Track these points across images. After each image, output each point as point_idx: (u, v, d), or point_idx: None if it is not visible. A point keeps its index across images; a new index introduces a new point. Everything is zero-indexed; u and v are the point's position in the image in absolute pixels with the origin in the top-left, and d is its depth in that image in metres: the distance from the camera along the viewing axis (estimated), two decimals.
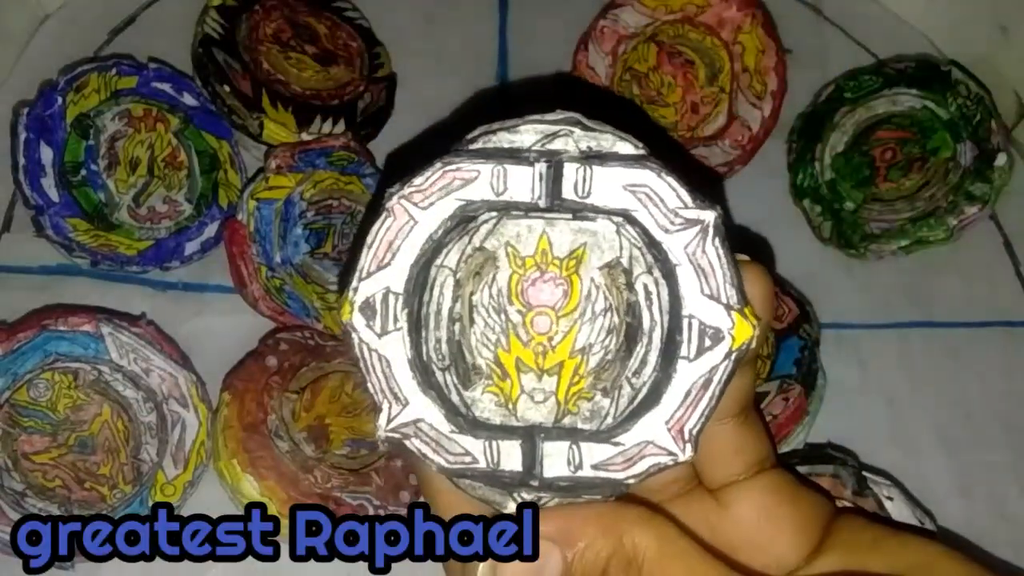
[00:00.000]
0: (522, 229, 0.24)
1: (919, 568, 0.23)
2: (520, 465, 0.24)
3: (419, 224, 0.23)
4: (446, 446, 0.24)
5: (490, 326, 0.24)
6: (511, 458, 0.24)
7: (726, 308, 0.23)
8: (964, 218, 0.42)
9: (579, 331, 0.24)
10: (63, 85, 0.39)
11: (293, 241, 0.39)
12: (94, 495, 0.35)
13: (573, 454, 0.23)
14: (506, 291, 0.24)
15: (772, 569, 0.26)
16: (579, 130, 0.23)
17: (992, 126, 0.43)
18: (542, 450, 0.23)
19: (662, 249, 0.23)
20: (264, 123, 0.41)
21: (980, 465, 0.41)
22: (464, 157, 0.23)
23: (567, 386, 0.24)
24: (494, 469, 0.24)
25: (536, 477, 0.23)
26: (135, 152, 0.40)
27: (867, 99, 0.44)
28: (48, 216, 0.38)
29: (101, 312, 0.37)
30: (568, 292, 0.24)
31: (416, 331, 0.24)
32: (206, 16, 0.42)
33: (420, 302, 0.24)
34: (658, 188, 0.23)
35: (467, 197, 0.23)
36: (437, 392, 0.24)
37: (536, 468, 0.23)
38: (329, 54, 0.44)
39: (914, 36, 0.49)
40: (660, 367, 0.23)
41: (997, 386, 0.43)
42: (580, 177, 0.23)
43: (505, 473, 0.24)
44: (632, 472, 0.23)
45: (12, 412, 0.35)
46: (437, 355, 0.24)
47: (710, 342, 0.23)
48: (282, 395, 0.37)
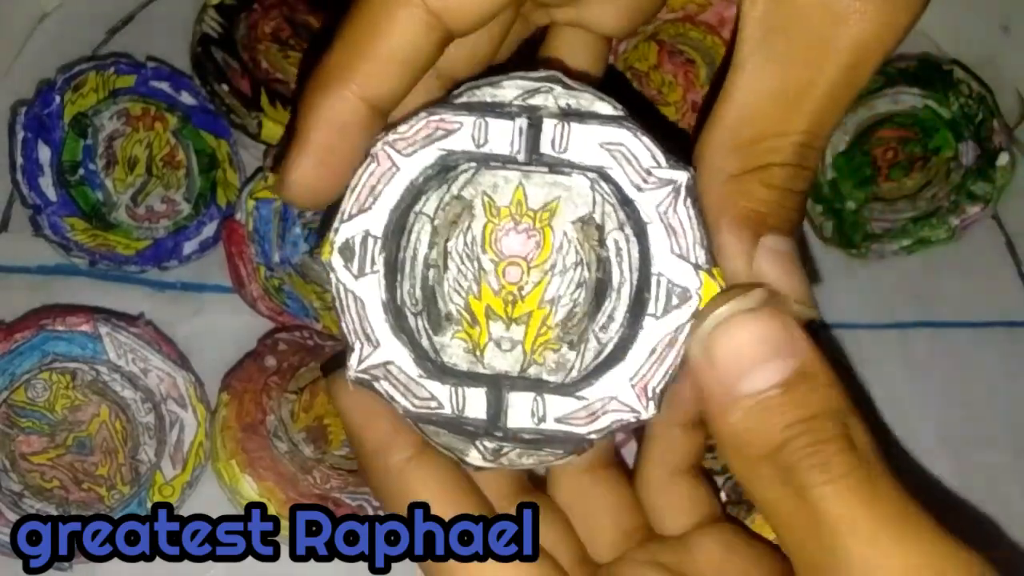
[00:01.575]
0: (499, 180, 0.24)
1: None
2: (484, 413, 0.24)
3: (401, 171, 0.24)
4: (413, 390, 0.24)
5: (463, 273, 0.24)
6: (476, 406, 0.24)
7: (695, 268, 0.23)
8: (966, 218, 0.42)
9: (549, 282, 0.24)
10: (61, 84, 0.39)
11: (292, 241, 0.39)
12: (92, 496, 0.35)
13: (537, 406, 0.24)
14: (480, 240, 0.24)
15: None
16: (560, 88, 0.24)
17: (994, 125, 0.43)
18: (507, 400, 0.24)
19: (634, 207, 0.24)
20: (263, 122, 0.41)
21: (982, 465, 0.41)
22: (448, 109, 0.24)
23: (534, 336, 0.24)
24: (458, 416, 0.24)
25: (500, 427, 0.24)
26: (133, 151, 0.40)
27: (868, 98, 0.44)
28: (46, 215, 0.38)
29: (99, 312, 0.37)
30: (540, 244, 0.24)
31: (392, 275, 0.24)
32: (204, 15, 0.42)
33: (398, 246, 0.24)
34: (633, 147, 0.24)
35: (449, 147, 0.24)
36: (408, 336, 0.24)
37: (500, 418, 0.24)
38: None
39: (915, 35, 0.49)
40: (627, 323, 0.23)
41: (999, 386, 0.42)
42: (558, 133, 0.24)
43: (469, 420, 0.24)
44: (594, 427, 0.23)
45: (10, 412, 0.35)
46: (411, 299, 0.25)
47: (677, 301, 0.23)
48: (281, 395, 0.36)
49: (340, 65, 0.25)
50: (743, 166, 0.24)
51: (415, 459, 0.27)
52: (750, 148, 0.25)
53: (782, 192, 0.24)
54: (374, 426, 0.27)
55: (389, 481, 0.27)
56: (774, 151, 0.24)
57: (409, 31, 0.24)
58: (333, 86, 0.25)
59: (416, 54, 0.25)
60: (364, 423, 0.27)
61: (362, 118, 0.25)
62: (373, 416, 0.27)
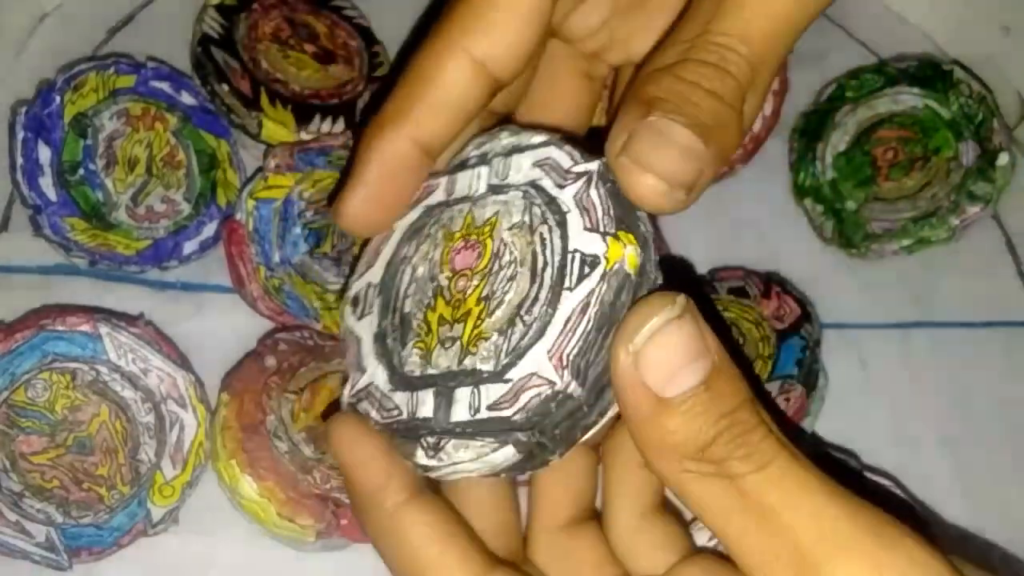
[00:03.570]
0: (455, 213, 0.28)
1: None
2: (431, 412, 0.25)
3: (395, 230, 0.29)
4: (384, 403, 0.26)
5: (424, 292, 0.27)
6: (426, 406, 0.25)
7: (602, 235, 0.24)
8: (966, 218, 0.42)
9: (486, 283, 0.26)
10: (61, 84, 0.39)
11: (292, 241, 0.39)
12: (92, 496, 0.35)
13: (474, 397, 0.25)
14: (439, 262, 0.27)
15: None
16: (506, 132, 0.28)
17: (994, 126, 0.43)
18: (453, 396, 0.25)
19: (557, 202, 0.25)
20: (263, 122, 0.41)
21: (982, 465, 0.41)
22: (431, 177, 0.29)
23: (470, 330, 0.25)
24: (411, 418, 0.25)
25: (444, 423, 0.25)
26: (133, 151, 0.40)
27: (869, 98, 0.44)
28: (46, 215, 0.38)
29: (99, 312, 0.37)
30: (481, 253, 0.26)
31: (383, 311, 0.28)
32: (204, 15, 0.42)
33: (390, 289, 0.28)
34: (557, 156, 0.26)
35: (429, 203, 0.29)
36: (387, 358, 0.27)
37: (446, 414, 0.25)
38: (328, 53, 0.43)
39: (916, 35, 0.49)
40: (548, 302, 0.24)
41: (999, 386, 0.42)
42: (501, 165, 0.28)
43: (420, 421, 0.25)
44: (517, 407, 0.24)
45: (10, 413, 0.35)
46: (391, 327, 0.28)
47: (588, 269, 0.24)
48: (281, 395, 0.36)
49: (395, 111, 0.28)
50: (666, 61, 0.26)
51: (410, 502, 0.26)
52: (673, 46, 0.26)
53: (689, 85, 0.25)
54: (368, 468, 0.27)
55: (383, 524, 0.27)
56: (693, 47, 0.25)
57: (458, 80, 0.27)
58: (388, 129, 0.27)
59: (464, 101, 0.28)
60: (358, 465, 0.27)
61: (413, 159, 0.28)
62: (367, 458, 0.27)
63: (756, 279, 0.40)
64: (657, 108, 0.24)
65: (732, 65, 0.25)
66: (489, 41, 0.27)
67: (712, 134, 0.24)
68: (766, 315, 0.39)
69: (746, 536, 0.22)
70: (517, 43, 0.28)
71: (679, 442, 0.23)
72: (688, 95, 0.25)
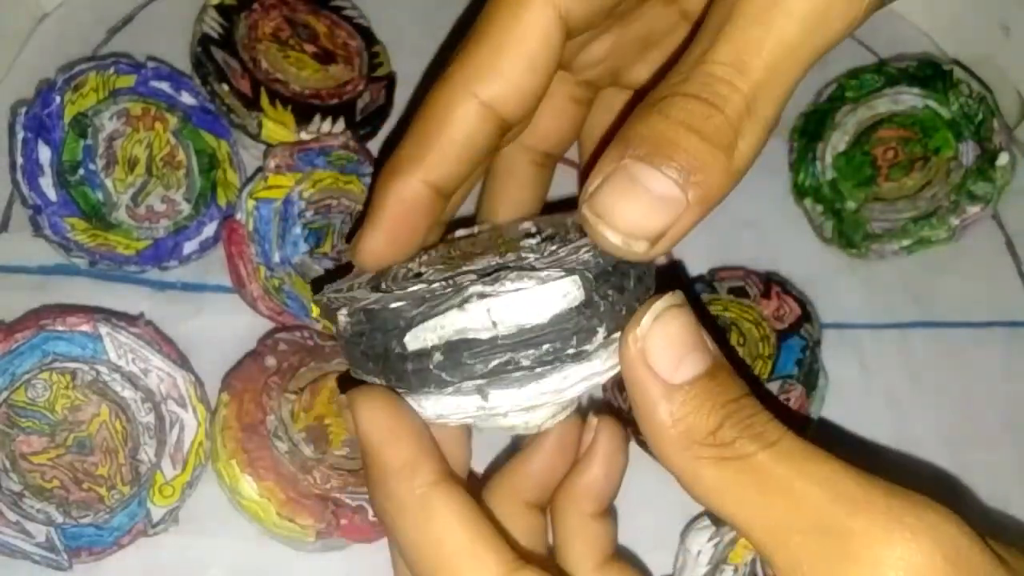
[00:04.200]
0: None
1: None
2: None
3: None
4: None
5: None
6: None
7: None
8: (966, 218, 0.42)
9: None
10: (61, 84, 0.39)
11: (292, 241, 0.39)
12: (92, 496, 0.35)
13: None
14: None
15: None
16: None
17: (994, 125, 0.43)
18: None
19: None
20: (263, 122, 0.41)
21: (982, 465, 0.41)
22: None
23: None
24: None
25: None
26: (133, 151, 0.40)
27: (868, 98, 0.44)
28: (46, 216, 0.38)
29: (99, 312, 0.37)
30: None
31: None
32: (204, 15, 0.42)
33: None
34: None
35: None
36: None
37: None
38: (328, 53, 0.43)
39: (916, 35, 0.49)
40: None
41: (999, 386, 0.42)
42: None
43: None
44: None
45: (10, 412, 0.35)
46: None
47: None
48: (281, 395, 0.36)
49: (408, 156, 0.28)
50: (657, 96, 0.24)
51: (440, 484, 0.26)
52: (670, 77, 0.25)
53: (673, 124, 0.23)
54: (399, 445, 0.26)
55: (408, 504, 0.26)
56: (686, 80, 0.24)
57: (467, 124, 0.28)
58: (402, 172, 0.28)
59: (473, 143, 0.28)
60: (388, 440, 0.26)
61: (426, 200, 0.28)
62: (397, 436, 0.26)
63: (756, 279, 0.40)
64: (635, 149, 0.24)
65: (722, 100, 0.23)
66: (497, 86, 0.28)
67: (694, 180, 0.23)
68: (766, 315, 0.39)
69: (763, 513, 0.22)
70: (525, 88, 0.28)
71: (689, 427, 0.23)
72: (671, 135, 0.23)
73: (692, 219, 0.24)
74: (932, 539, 0.21)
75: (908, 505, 0.21)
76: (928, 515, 0.21)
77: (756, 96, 0.24)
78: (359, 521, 0.35)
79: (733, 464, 0.23)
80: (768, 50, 0.23)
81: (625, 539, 0.35)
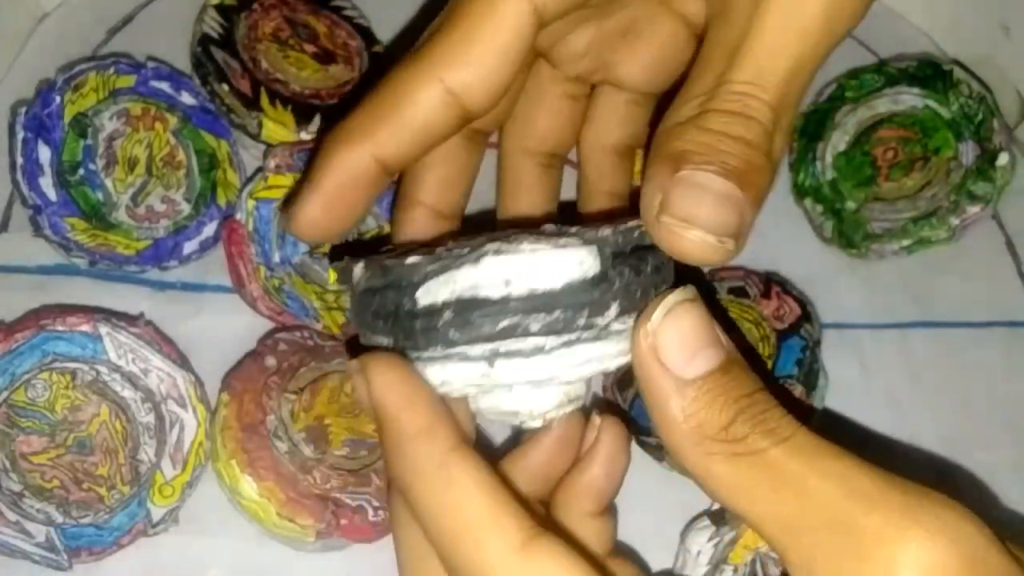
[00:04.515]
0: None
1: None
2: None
3: None
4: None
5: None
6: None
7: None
8: (966, 218, 0.42)
9: None
10: (61, 84, 0.39)
11: (292, 241, 0.39)
12: (92, 496, 0.35)
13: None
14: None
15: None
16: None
17: (994, 125, 0.43)
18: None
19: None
20: (263, 122, 0.41)
21: (982, 465, 0.41)
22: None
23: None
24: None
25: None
26: (133, 151, 0.40)
27: (869, 98, 0.44)
28: (46, 215, 0.38)
29: (99, 312, 0.37)
30: None
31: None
32: (204, 15, 0.42)
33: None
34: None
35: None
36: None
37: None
38: (328, 53, 0.43)
39: (916, 35, 0.49)
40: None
41: (999, 386, 0.42)
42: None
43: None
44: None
45: (10, 412, 0.35)
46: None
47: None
48: (281, 395, 0.36)
49: (360, 126, 0.28)
50: (686, 115, 0.26)
51: (458, 449, 0.25)
52: (687, 101, 0.26)
53: (716, 135, 0.25)
54: (416, 410, 0.26)
55: (425, 469, 0.25)
56: (712, 98, 0.25)
57: (427, 107, 0.28)
58: (351, 142, 0.28)
59: (431, 128, 0.28)
60: (405, 406, 0.26)
61: (372, 173, 0.28)
62: (413, 401, 0.26)
63: (756, 279, 0.40)
64: (687, 161, 0.24)
65: (755, 111, 0.25)
66: (465, 74, 0.28)
67: (747, 179, 0.24)
68: (766, 315, 0.39)
69: (777, 509, 0.22)
70: (492, 78, 0.28)
71: (701, 422, 0.23)
72: (716, 144, 0.25)
73: (752, 217, 0.25)
74: (949, 539, 0.21)
75: (926, 503, 0.21)
76: (946, 514, 0.21)
77: (779, 104, 0.25)
78: (359, 521, 0.35)
79: (746, 460, 0.23)
80: (784, 66, 0.25)
81: (625, 538, 0.35)
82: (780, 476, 0.22)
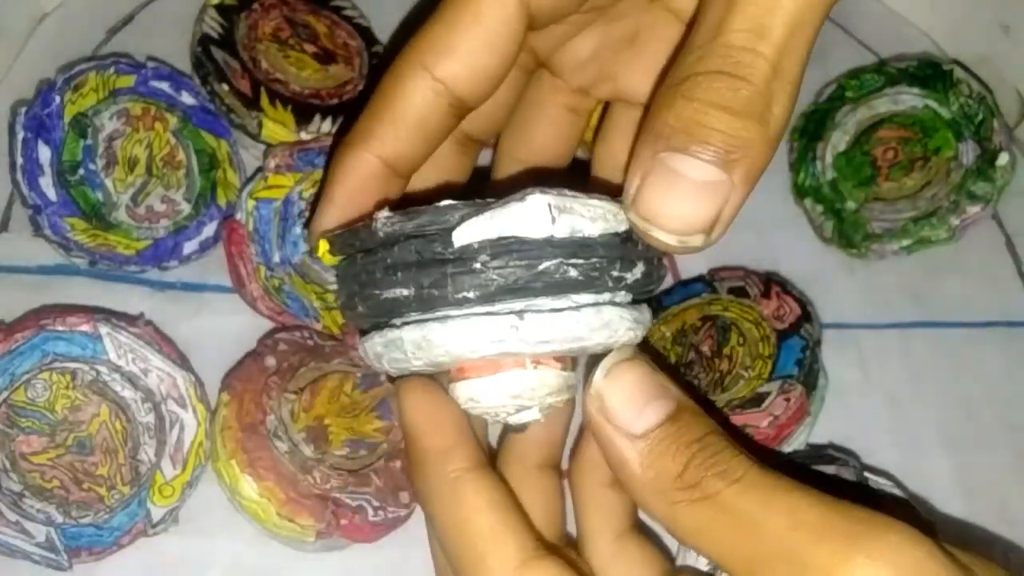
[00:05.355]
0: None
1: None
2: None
3: None
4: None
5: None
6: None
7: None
8: (966, 218, 0.42)
9: None
10: (61, 84, 0.39)
11: (292, 241, 0.39)
12: (92, 496, 0.35)
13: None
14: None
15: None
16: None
17: (994, 125, 0.43)
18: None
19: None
20: (263, 122, 0.41)
21: (982, 465, 0.41)
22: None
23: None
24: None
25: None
26: (133, 151, 0.40)
27: (869, 98, 0.44)
28: (46, 215, 0.38)
29: (99, 312, 0.37)
30: None
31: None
32: (204, 15, 0.42)
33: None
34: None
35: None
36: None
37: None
38: (328, 53, 0.43)
39: (916, 35, 0.49)
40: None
41: (999, 386, 0.42)
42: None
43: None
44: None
45: (10, 412, 0.35)
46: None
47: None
48: (281, 395, 0.36)
49: (361, 130, 0.28)
50: (679, 75, 0.24)
51: (472, 471, 0.27)
52: (686, 55, 0.24)
53: (701, 106, 0.23)
54: (439, 431, 0.27)
55: (441, 487, 0.27)
56: (704, 56, 0.23)
57: (419, 99, 0.28)
58: (355, 145, 0.28)
59: (425, 119, 0.28)
60: (428, 427, 0.28)
61: (379, 174, 0.28)
62: (438, 421, 0.28)
63: (756, 279, 0.40)
64: (666, 140, 0.23)
65: (748, 69, 0.23)
66: (451, 63, 0.28)
67: (734, 158, 0.23)
68: (766, 315, 0.39)
69: (735, 548, 0.23)
70: (480, 67, 0.28)
71: (659, 472, 0.24)
72: (700, 119, 0.23)
73: (740, 198, 0.23)
74: (890, 562, 0.21)
75: (866, 528, 0.21)
76: (888, 537, 0.21)
77: (781, 57, 0.23)
78: (359, 521, 0.35)
79: (704, 504, 0.23)
80: (787, 7, 0.23)
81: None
82: (735, 515, 0.23)
